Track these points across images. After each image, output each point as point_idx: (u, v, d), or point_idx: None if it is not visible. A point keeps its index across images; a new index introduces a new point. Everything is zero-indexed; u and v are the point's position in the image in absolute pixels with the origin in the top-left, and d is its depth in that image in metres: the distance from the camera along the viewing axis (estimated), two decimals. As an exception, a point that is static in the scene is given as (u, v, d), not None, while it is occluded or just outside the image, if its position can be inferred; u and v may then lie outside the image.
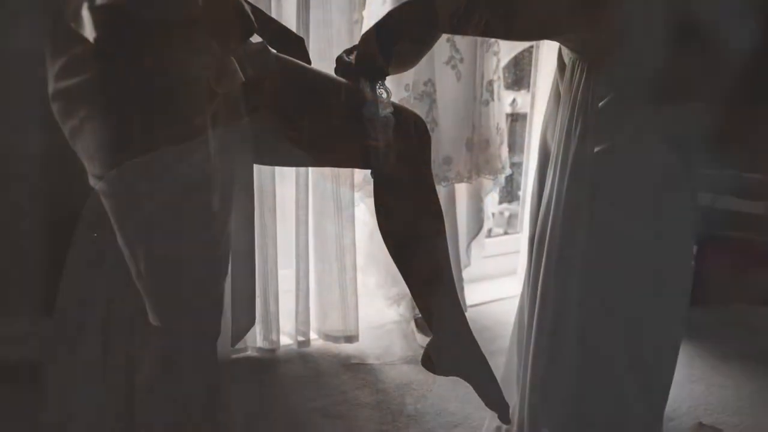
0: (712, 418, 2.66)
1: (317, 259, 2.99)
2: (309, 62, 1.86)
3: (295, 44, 1.89)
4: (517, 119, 4.39)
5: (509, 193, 4.54)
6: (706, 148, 1.77)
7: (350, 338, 3.05)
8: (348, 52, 1.84)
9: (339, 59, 1.82)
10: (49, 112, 1.50)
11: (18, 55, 1.98)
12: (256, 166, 1.95)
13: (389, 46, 1.71)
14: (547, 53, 3.56)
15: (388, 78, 1.79)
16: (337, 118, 1.75)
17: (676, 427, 2.57)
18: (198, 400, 1.76)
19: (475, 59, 2.92)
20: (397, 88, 2.81)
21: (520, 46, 3.65)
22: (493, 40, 2.94)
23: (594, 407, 1.97)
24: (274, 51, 1.75)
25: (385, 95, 1.73)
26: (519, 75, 4.35)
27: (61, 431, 1.74)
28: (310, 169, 2.86)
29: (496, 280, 3.88)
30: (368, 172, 1.79)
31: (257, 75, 1.65)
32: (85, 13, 1.35)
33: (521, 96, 4.30)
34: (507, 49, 3.41)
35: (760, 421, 2.67)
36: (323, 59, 2.71)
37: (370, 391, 2.75)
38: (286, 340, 3.07)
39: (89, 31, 1.35)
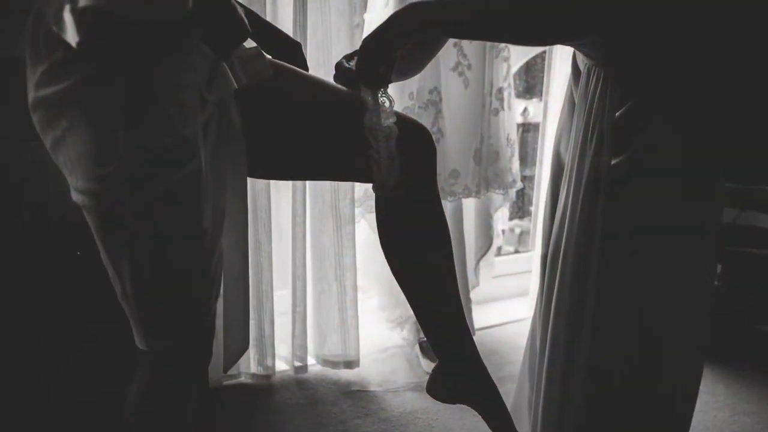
0: (737, 448, 2.66)
1: (315, 279, 2.98)
2: (306, 69, 1.86)
3: (292, 49, 1.89)
4: (528, 129, 4.40)
5: (520, 209, 4.55)
6: (730, 161, 1.77)
7: (350, 363, 3.05)
8: (348, 57, 1.84)
9: (338, 65, 1.82)
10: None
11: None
12: (250, 179, 1.94)
13: (392, 51, 1.71)
14: (561, 59, 3.56)
15: (390, 86, 1.79)
16: (337, 129, 1.75)
17: (699, 458, 2.56)
18: (187, 428, 1.75)
19: (484, 65, 2.92)
20: (400, 97, 2.82)
21: (532, 51, 3.65)
22: (503, 44, 2.95)
23: (611, 437, 1.96)
24: (269, 57, 1.75)
25: (387, 104, 1.73)
26: (531, 82, 4.36)
27: None
28: (308, 182, 2.86)
29: (506, 302, 3.87)
30: (370, 186, 1.79)
31: (251, 82, 1.65)
32: (68, 16, 1.34)
33: (533, 105, 4.31)
34: (518, 55, 3.42)
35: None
36: (321, 66, 2.72)
37: (371, 421, 2.74)
38: (281, 365, 3.06)
39: (72, 35, 1.35)
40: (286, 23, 2.71)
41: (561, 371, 1.94)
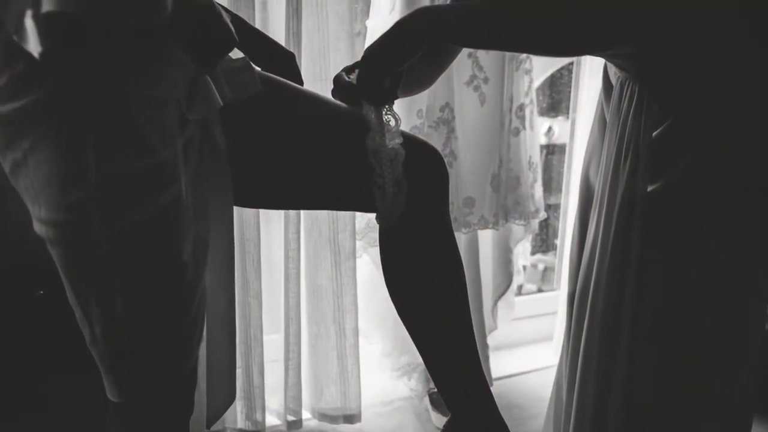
0: None
1: (311, 322, 2.98)
2: (301, 83, 1.86)
3: (284, 61, 1.89)
4: (553, 152, 4.41)
5: (544, 242, 4.55)
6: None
7: (351, 418, 3.04)
8: (348, 70, 1.84)
9: (337, 79, 1.82)
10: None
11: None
12: (236, 209, 1.95)
13: (398, 63, 1.71)
14: (590, 72, 3.56)
15: (397, 102, 1.79)
16: (335, 152, 1.75)
17: None
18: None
19: (503, 79, 2.93)
20: (408, 115, 2.82)
21: (558, 63, 3.67)
22: (524, 55, 2.95)
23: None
24: (259, 69, 1.75)
25: (393, 123, 1.73)
26: (556, 98, 4.36)
27: None
28: (303, 212, 2.86)
29: (528, 348, 3.87)
30: (373, 216, 1.79)
31: (238, 98, 1.65)
32: (29, 23, 1.34)
33: (558, 123, 4.32)
34: (541, 67, 3.43)
35: None
36: (318, 79, 2.73)
37: (374, 483, 2.74)
38: (272, 419, 3.06)
39: (34, 45, 1.34)
40: (277, 31, 2.72)
41: (591, 426, 1.93)
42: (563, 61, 3.62)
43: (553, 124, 4.33)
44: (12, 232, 1.57)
